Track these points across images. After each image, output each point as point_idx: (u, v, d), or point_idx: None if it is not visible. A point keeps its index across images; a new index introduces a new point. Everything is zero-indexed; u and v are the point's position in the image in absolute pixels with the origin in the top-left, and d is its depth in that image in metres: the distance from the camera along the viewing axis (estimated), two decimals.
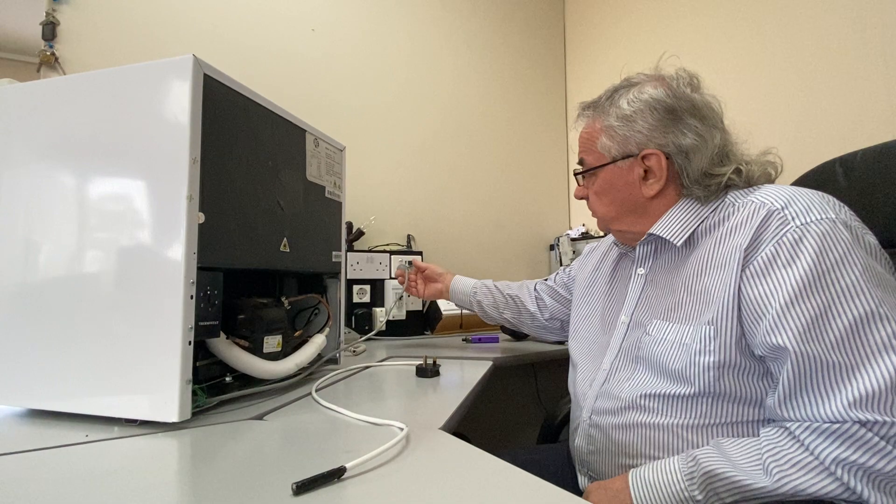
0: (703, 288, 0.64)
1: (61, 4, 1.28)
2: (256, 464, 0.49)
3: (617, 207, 0.77)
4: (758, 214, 0.61)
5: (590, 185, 0.80)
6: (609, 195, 0.77)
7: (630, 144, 0.73)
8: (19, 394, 0.65)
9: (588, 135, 0.79)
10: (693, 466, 0.57)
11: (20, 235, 0.67)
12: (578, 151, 0.82)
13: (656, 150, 0.71)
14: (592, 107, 0.80)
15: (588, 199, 0.82)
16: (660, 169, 0.71)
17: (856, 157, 0.82)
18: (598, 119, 0.77)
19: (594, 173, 0.78)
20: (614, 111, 0.74)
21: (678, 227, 0.70)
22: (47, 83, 0.72)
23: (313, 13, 1.69)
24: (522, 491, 0.43)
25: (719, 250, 0.64)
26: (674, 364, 0.64)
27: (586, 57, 2.27)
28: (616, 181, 0.75)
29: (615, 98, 0.75)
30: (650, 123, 0.71)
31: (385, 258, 1.55)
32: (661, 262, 0.74)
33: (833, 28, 1.31)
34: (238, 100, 0.72)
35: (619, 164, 0.74)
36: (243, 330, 0.75)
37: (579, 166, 0.82)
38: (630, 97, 0.73)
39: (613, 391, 0.71)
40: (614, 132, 0.74)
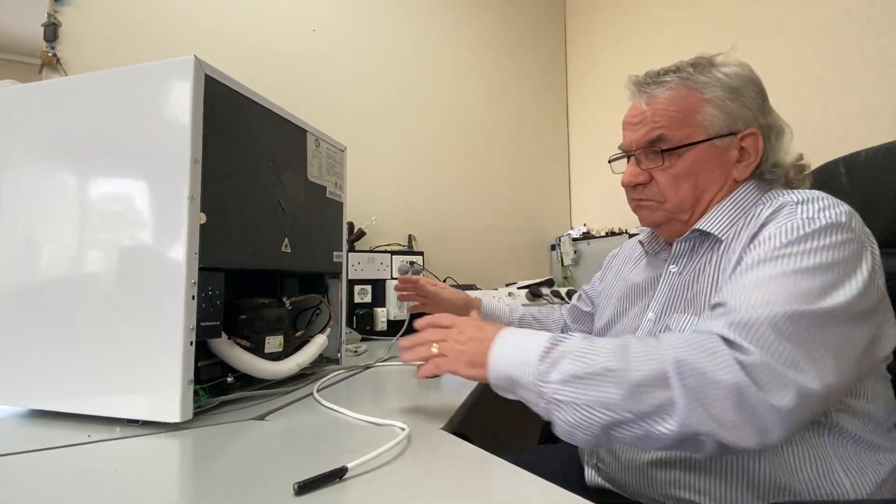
0: (718, 279, 0.62)
1: (63, 6, 1.28)
2: (258, 464, 0.49)
3: (700, 193, 0.68)
4: (773, 205, 0.60)
5: (664, 167, 0.69)
6: (695, 178, 0.68)
7: (737, 120, 0.66)
8: (21, 394, 0.65)
9: (679, 105, 0.68)
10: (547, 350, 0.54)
11: (22, 236, 0.67)
12: (651, 126, 0.70)
13: (756, 130, 0.66)
14: (675, 74, 0.69)
15: (643, 185, 0.72)
16: (755, 151, 0.66)
17: (859, 157, 0.82)
18: (694, 89, 0.67)
19: (680, 153, 0.68)
20: (717, 81, 0.66)
21: (726, 222, 0.66)
22: (49, 84, 0.72)
23: (314, 13, 1.69)
24: (524, 491, 0.43)
25: (736, 242, 0.62)
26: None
27: (587, 56, 2.27)
28: (710, 161, 0.67)
29: (707, 69, 0.68)
30: (755, 100, 0.66)
31: (386, 258, 1.55)
32: (697, 257, 0.69)
33: (834, 26, 1.31)
34: (239, 100, 0.72)
35: (717, 141, 0.66)
36: (245, 330, 0.75)
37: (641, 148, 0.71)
38: (726, 70, 0.66)
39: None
40: (723, 104, 0.66)
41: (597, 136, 2.20)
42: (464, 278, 1.83)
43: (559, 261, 2.09)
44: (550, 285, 1.84)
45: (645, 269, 0.81)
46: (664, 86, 0.69)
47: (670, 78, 0.69)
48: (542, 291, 1.75)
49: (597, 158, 2.19)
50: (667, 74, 0.70)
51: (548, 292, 1.76)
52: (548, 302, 1.73)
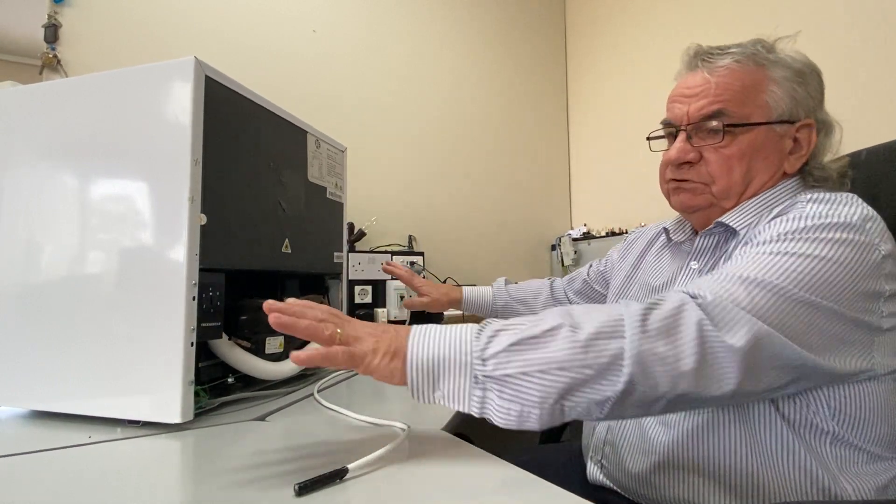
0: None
1: (63, 7, 1.28)
2: (258, 465, 0.49)
3: (751, 179, 0.63)
4: (789, 203, 0.58)
5: (718, 146, 0.63)
6: (748, 162, 0.62)
7: (800, 108, 0.61)
8: (22, 395, 0.65)
9: (746, 81, 0.62)
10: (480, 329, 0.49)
11: (23, 237, 0.67)
12: (711, 98, 0.63)
13: (813, 122, 0.62)
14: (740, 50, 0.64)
15: (691, 163, 0.66)
16: (809, 143, 0.62)
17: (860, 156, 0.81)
18: (761, 66, 0.62)
19: (735, 131, 0.62)
20: (786, 62, 0.62)
21: (752, 216, 0.62)
22: (49, 85, 0.72)
23: (314, 14, 1.69)
24: (525, 491, 0.43)
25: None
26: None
27: (587, 56, 2.27)
28: (767, 146, 0.62)
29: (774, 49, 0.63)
30: (817, 90, 0.62)
31: (387, 259, 1.55)
32: (721, 255, 0.65)
33: (836, 24, 1.31)
34: (239, 101, 0.72)
35: (776, 127, 0.62)
36: (245, 331, 0.75)
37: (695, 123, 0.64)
38: (792, 54, 0.62)
39: None
40: (791, 88, 0.61)
41: (597, 136, 2.20)
42: (464, 278, 1.82)
43: (559, 261, 2.08)
44: None
45: (668, 263, 0.77)
46: (731, 57, 0.63)
47: (738, 50, 0.64)
48: None
49: (597, 159, 2.19)
50: (735, 47, 0.64)
51: None
52: None
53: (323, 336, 0.49)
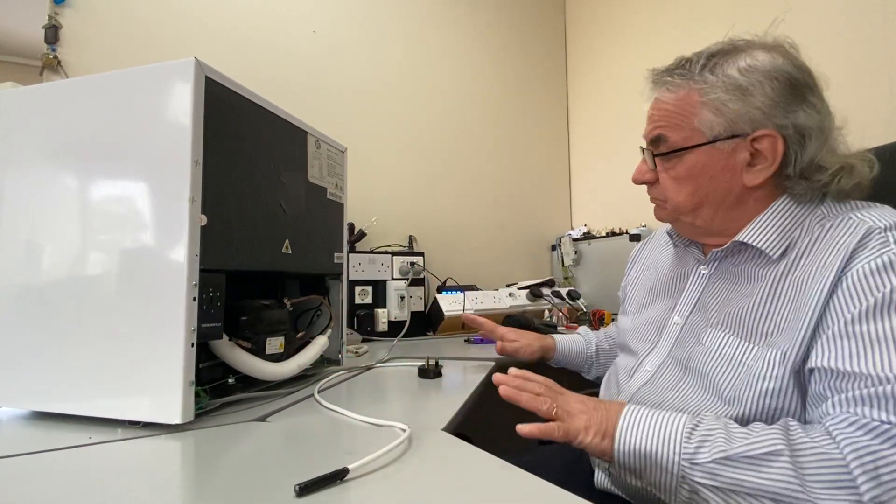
0: (782, 307, 0.57)
1: (63, 8, 1.28)
2: (259, 465, 0.49)
3: (700, 197, 0.65)
4: (857, 232, 0.54)
5: (666, 168, 0.67)
6: (695, 182, 0.64)
7: (742, 122, 0.61)
8: (23, 396, 0.65)
9: (678, 107, 0.65)
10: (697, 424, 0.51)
11: (23, 238, 0.67)
12: (654, 125, 0.68)
13: (773, 132, 0.60)
14: (681, 72, 0.65)
15: (652, 184, 0.70)
16: (773, 153, 0.60)
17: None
18: (695, 89, 0.63)
19: (680, 154, 0.64)
20: (722, 81, 0.61)
21: (775, 235, 0.61)
22: (50, 86, 0.72)
23: (314, 15, 1.69)
24: (525, 492, 0.43)
25: (809, 267, 0.56)
26: (728, 384, 0.57)
27: (588, 56, 2.27)
28: (711, 166, 0.63)
29: (719, 65, 0.63)
30: (771, 98, 0.60)
31: (387, 259, 1.55)
32: (732, 265, 0.65)
33: (839, 22, 1.31)
34: (240, 102, 0.72)
35: (719, 145, 0.62)
36: (246, 331, 0.75)
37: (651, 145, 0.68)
38: (742, 65, 0.61)
39: (656, 398, 0.66)
40: (723, 107, 0.61)
41: (597, 137, 2.20)
42: (464, 279, 1.82)
43: (560, 261, 2.08)
44: (551, 286, 1.84)
45: (673, 260, 0.78)
46: (665, 85, 0.67)
47: (675, 77, 0.66)
48: (542, 292, 1.75)
49: (597, 159, 2.19)
50: (675, 70, 0.66)
51: (548, 293, 1.76)
52: (549, 302, 1.73)
53: (542, 410, 0.57)
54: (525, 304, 1.70)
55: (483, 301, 1.64)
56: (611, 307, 1.66)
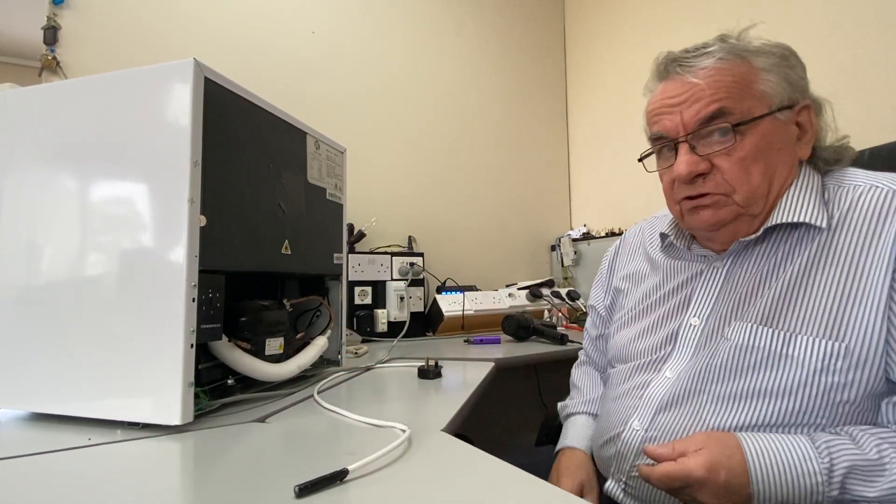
0: (826, 290, 0.53)
1: (62, 9, 1.28)
2: (259, 466, 0.49)
3: (771, 178, 0.58)
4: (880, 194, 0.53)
5: (727, 150, 0.58)
6: (765, 160, 0.57)
7: (796, 90, 0.58)
8: (22, 397, 0.65)
9: (737, 74, 0.58)
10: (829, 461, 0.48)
11: (23, 239, 0.67)
12: (707, 100, 0.58)
13: (809, 102, 0.59)
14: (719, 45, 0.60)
15: (703, 175, 0.60)
16: (810, 124, 0.59)
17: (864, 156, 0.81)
18: (744, 57, 0.59)
19: (743, 129, 0.57)
20: (766, 49, 0.59)
21: (816, 207, 0.56)
22: (49, 87, 0.72)
23: (313, 16, 1.70)
24: (525, 492, 0.43)
25: (848, 244, 0.53)
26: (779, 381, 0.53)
27: (586, 55, 2.27)
28: (777, 137, 0.58)
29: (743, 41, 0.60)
30: (802, 68, 0.60)
31: (386, 260, 1.55)
32: (752, 254, 0.61)
33: (837, 22, 1.31)
34: (239, 102, 0.72)
35: (779, 115, 0.58)
36: (245, 332, 0.75)
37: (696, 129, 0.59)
38: (764, 41, 0.60)
39: (685, 406, 0.60)
40: (784, 72, 0.58)
41: (597, 137, 2.20)
42: (464, 279, 1.82)
43: (559, 261, 2.09)
44: (551, 286, 1.84)
45: (669, 263, 0.72)
46: (711, 56, 0.59)
47: (716, 47, 0.60)
48: (542, 292, 1.75)
49: (597, 159, 2.20)
50: (710, 46, 0.60)
51: (548, 293, 1.76)
52: (548, 302, 1.73)
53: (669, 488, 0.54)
54: (525, 304, 1.70)
55: (483, 301, 1.64)
56: None
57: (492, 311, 1.62)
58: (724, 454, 0.51)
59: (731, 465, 0.50)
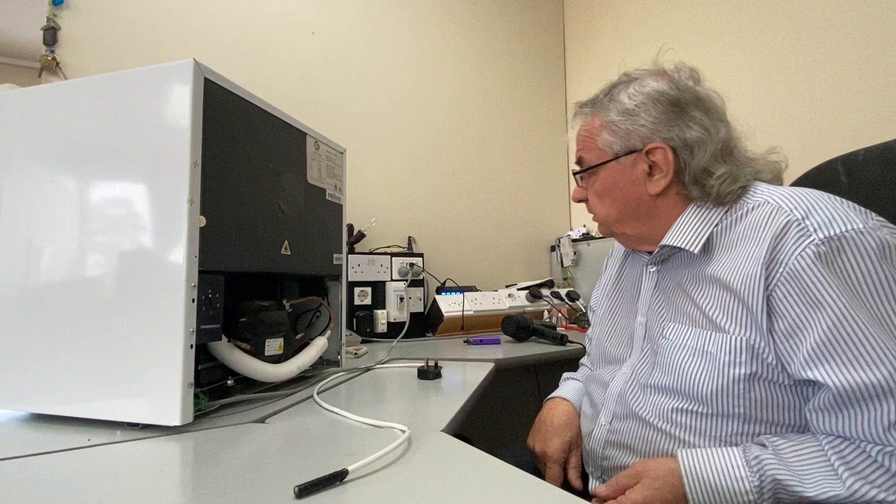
0: (725, 297, 0.61)
1: (62, 9, 1.28)
2: (258, 467, 0.49)
3: (619, 208, 0.73)
4: (775, 221, 0.59)
5: (590, 186, 0.76)
6: (611, 195, 0.73)
7: (633, 139, 0.70)
8: (22, 398, 0.65)
9: (587, 132, 0.76)
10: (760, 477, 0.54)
11: (22, 240, 0.67)
12: (576, 151, 0.78)
13: (662, 144, 0.68)
14: (590, 104, 0.77)
15: (587, 201, 0.78)
16: (666, 163, 0.68)
17: (858, 156, 0.81)
18: (597, 116, 0.74)
19: (594, 172, 0.74)
20: (615, 106, 0.72)
21: (691, 234, 0.67)
22: (49, 88, 0.72)
23: (313, 17, 1.70)
24: (525, 492, 0.43)
25: (737, 257, 0.61)
26: (697, 376, 0.61)
27: (586, 57, 2.27)
28: (619, 179, 0.72)
29: (614, 93, 0.73)
30: (654, 116, 0.69)
31: (386, 260, 1.55)
32: (675, 261, 0.71)
33: (835, 22, 1.31)
34: (239, 103, 0.72)
35: (621, 160, 0.71)
36: (245, 333, 0.75)
37: (577, 166, 0.78)
38: (631, 91, 0.71)
39: (637, 399, 0.69)
40: (616, 127, 0.71)
41: None
42: (464, 279, 1.83)
43: (559, 262, 2.09)
44: (550, 286, 1.84)
45: (626, 264, 0.84)
46: (581, 115, 0.78)
47: (585, 108, 0.77)
48: (541, 293, 1.75)
49: None
50: (585, 106, 0.77)
51: (548, 293, 1.76)
52: (548, 303, 1.73)
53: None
54: (524, 304, 1.70)
55: (482, 302, 1.64)
56: None
57: (491, 312, 1.62)
58: (654, 487, 0.58)
59: (662, 495, 0.58)
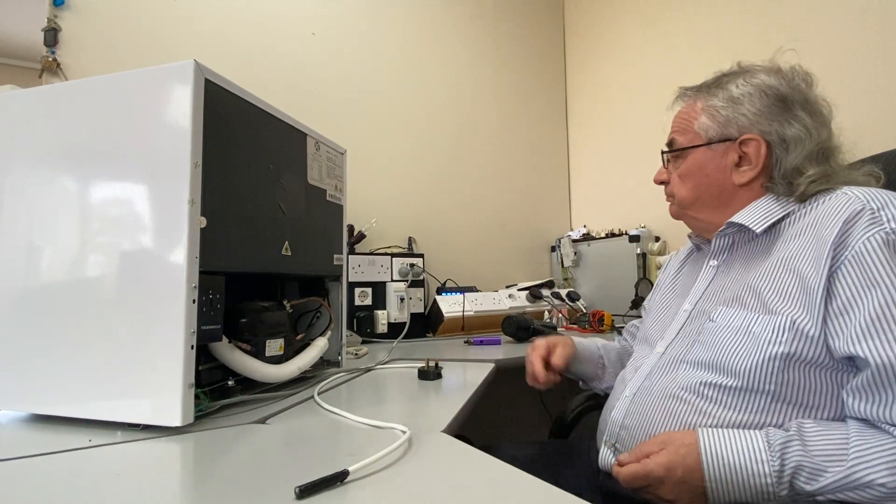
0: (784, 279, 0.61)
1: (63, 10, 1.29)
2: (259, 467, 0.49)
3: (699, 192, 0.75)
4: (849, 207, 0.58)
5: (674, 168, 0.78)
6: (694, 179, 0.75)
7: (731, 127, 0.70)
8: (22, 399, 0.65)
9: (686, 115, 0.77)
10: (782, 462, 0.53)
11: (23, 240, 0.67)
12: (671, 132, 0.79)
13: (757, 136, 0.68)
14: (696, 89, 0.78)
15: (667, 183, 0.80)
16: (757, 156, 0.68)
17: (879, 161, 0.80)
18: (700, 99, 0.75)
19: (682, 155, 0.76)
20: (721, 93, 0.72)
21: (760, 216, 0.68)
22: (49, 89, 0.72)
23: (313, 17, 1.70)
24: (525, 493, 0.43)
25: (806, 240, 0.61)
26: (736, 352, 0.61)
27: (586, 57, 2.27)
28: (707, 164, 0.73)
29: (723, 81, 0.73)
30: (757, 108, 0.69)
31: (386, 261, 1.55)
32: (738, 254, 0.72)
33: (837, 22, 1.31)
34: (239, 104, 0.72)
35: (714, 146, 0.72)
36: (245, 333, 0.75)
37: (666, 147, 0.80)
38: (740, 81, 0.71)
39: (665, 373, 0.70)
40: (716, 112, 0.72)
41: (597, 137, 2.20)
42: (464, 280, 1.83)
43: (559, 262, 2.09)
44: (551, 287, 1.84)
45: (687, 262, 0.85)
46: (684, 98, 0.79)
47: (689, 93, 0.78)
48: (542, 293, 1.75)
49: (597, 159, 2.20)
50: (690, 90, 0.78)
51: (548, 294, 1.76)
52: (548, 303, 1.73)
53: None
54: (525, 305, 1.70)
55: (483, 302, 1.64)
56: (610, 308, 1.66)
57: (492, 312, 1.62)
58: (679, 453, 0.57)
59: (686, 463, 0.57)
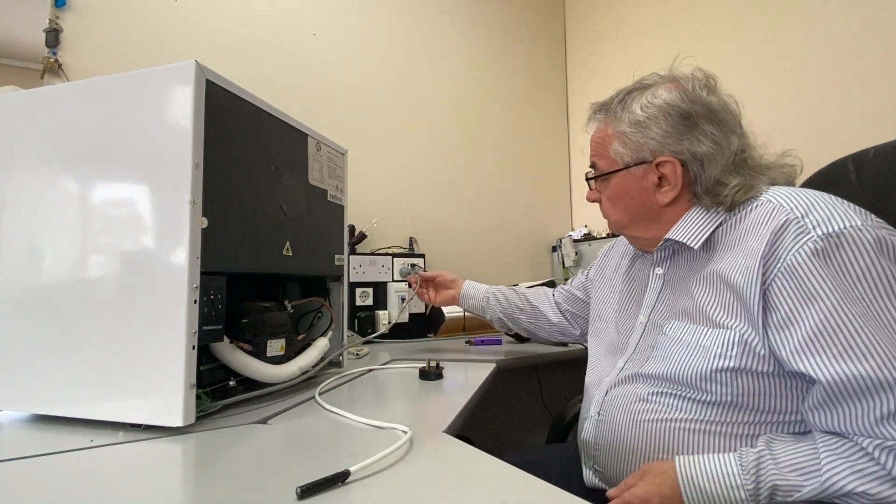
0: (723, 292, 0.63)
1: (64, 11, 1.29)
2: (260, 468, 0.49)
3: (630, 214, 0.76)
4: (775, 218, 0.60)
5: (602, 190, 0.79)
6: (622, 201, 0.76)
7: (643, 151, 0.71)
8: (24, 399, 0.65)
9: (600, 139, 0.77)
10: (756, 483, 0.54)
11: (25, 241, 0.68)
12: (590, 154, 0.80)
13: (671, 158, 0.69)
14: (604, 109, 0.77)
15: (600, 202, 0.81)
16: (675, 176, 0.69)
17: (868, 155, 0.81)
18: (609, 123, 0.76)
19: (606, 179, 0.77)
20: (627, 116, 0.72)
21: (695, 231, 0.69)
22: (51, 90, 0.72)
23: (314, 17, 1.70)
24: (525, 493, 0.43)
25: (737, 254, 0.63)
26: (687, 365, 0.63)
27: (587, 57, 2.27)
28: (629, 188, 0.74)
29: (628, 102, 0.73)
30: (664, 130, 0.69)
31: (387, 261, 1.55)
32: (680, 262, 0.73)
33: (839, 22, 1.31)
34: (240, 104, 0.72)
35: (631, 170, 0.73)
36: (247, 334, 0.75)
37: (591, 169, 0.80)
38: (644, 102, 0.71)
39: (624, 388, 0.72)
40: (627, 138, 0.72)
41: None
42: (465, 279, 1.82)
43: (560, 262, 2.08)
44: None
45: (635, 266, 0.85)
46: (595, 120, 0.79)
47: (599, 115, 0.78)
48: None
49: None
50: (598, 112, 0.78)
51: None
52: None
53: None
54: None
55: None
56: None
57: None
58: (654, 483, 0.59)
59: (661, 491, 0.58)
